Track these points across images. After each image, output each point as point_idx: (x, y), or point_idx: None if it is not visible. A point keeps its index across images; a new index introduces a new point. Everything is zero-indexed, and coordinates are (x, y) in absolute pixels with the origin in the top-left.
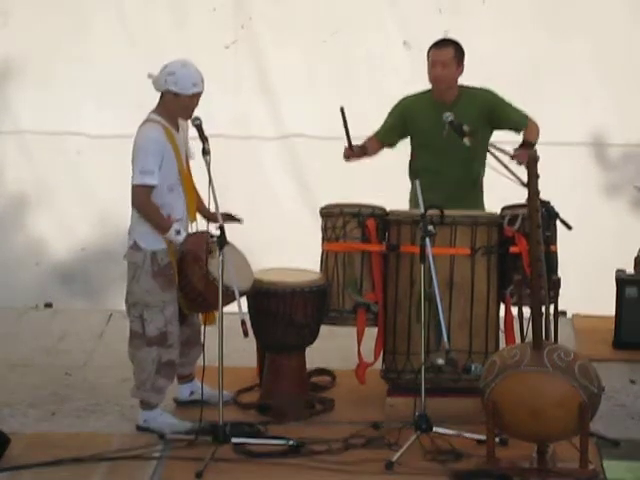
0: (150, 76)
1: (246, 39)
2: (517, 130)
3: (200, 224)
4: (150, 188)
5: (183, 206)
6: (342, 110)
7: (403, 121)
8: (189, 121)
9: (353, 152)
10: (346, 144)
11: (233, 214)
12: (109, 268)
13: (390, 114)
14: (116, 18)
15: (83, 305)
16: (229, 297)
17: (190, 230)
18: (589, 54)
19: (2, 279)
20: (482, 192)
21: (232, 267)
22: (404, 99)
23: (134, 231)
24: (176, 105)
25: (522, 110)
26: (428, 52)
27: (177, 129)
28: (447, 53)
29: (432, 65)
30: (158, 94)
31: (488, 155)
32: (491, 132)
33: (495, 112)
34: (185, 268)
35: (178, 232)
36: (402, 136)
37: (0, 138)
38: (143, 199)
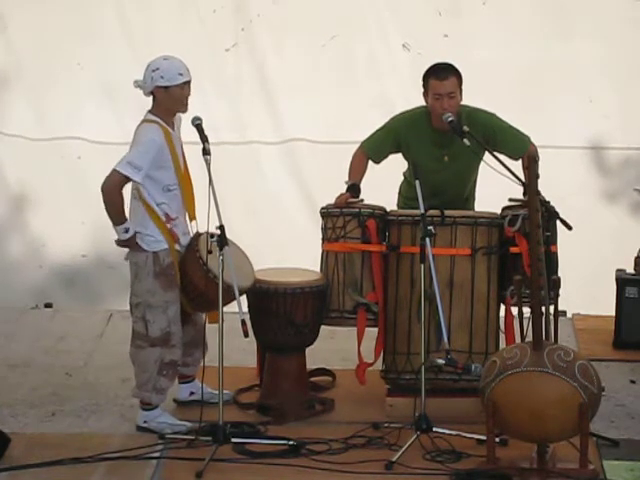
0: (136, 82)
1: (246, 42)
2: (513, 157)
3: (201, 224)
4: (126, 180)
5: (179, 206)
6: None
7: (397, 145)
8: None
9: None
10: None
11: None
12: (109, 273)
13: (382, 134)
14: (116, 21)
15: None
16: (230, 295)
17: (190, 229)
18: (590, 57)
19: (4, 282)
20: (474, 200)
21: (232, 265)
22: (398, 120)
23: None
24: (169, 99)
25: (523, 136)
26: (425, 79)
27: (173, 128)
28: (451, 83)
29: (437, 97)
30: None
31: (487, 155)
32: (484, 153)
33: (495, 137)
34: (186, 267)
35: (126, 231)
36: (390, 155)
37: (1, 143)
38: (114, 186)
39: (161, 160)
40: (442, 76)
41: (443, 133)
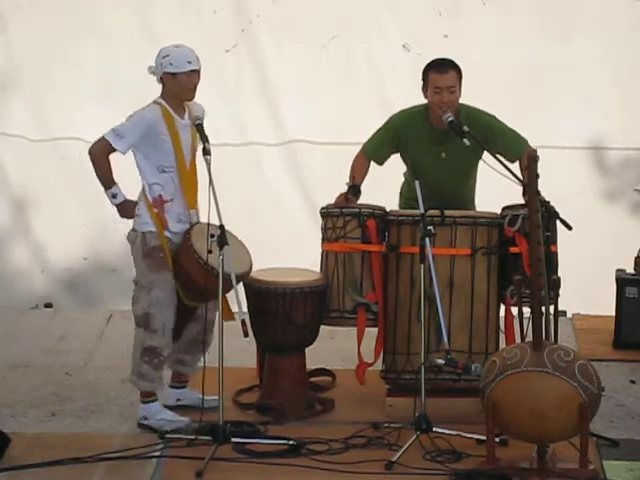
0: (150, 68)
1: (246, 43)
2: (510, 159)
3: (202, 214)
4: (111, 148)
5: (175, 189)
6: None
7: (396, 143)
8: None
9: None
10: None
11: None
12: (111, 277)
13: (381, 133)
14: (116, 21)
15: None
16: (228, 284)
17: (189, 218)
18: (590, 57)
19: (5, 285)
20: (474, 199)
21: (231, 256)
22: (397, 118)
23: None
24: (175, 85)
25: (521, 139)
26: (425, 74)
27: (182, 115)
28: (451, 77)
29: (436, 91)
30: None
31: (487, 155)
32: (483, 153)
33: (494, 138)
34: (181, 260)
35: (114, 196)
36: (391, 155)
37: (2, 143)
38: (100, 152)
39: (154, 139)
40: (442, 69)
41: (441, 130)
